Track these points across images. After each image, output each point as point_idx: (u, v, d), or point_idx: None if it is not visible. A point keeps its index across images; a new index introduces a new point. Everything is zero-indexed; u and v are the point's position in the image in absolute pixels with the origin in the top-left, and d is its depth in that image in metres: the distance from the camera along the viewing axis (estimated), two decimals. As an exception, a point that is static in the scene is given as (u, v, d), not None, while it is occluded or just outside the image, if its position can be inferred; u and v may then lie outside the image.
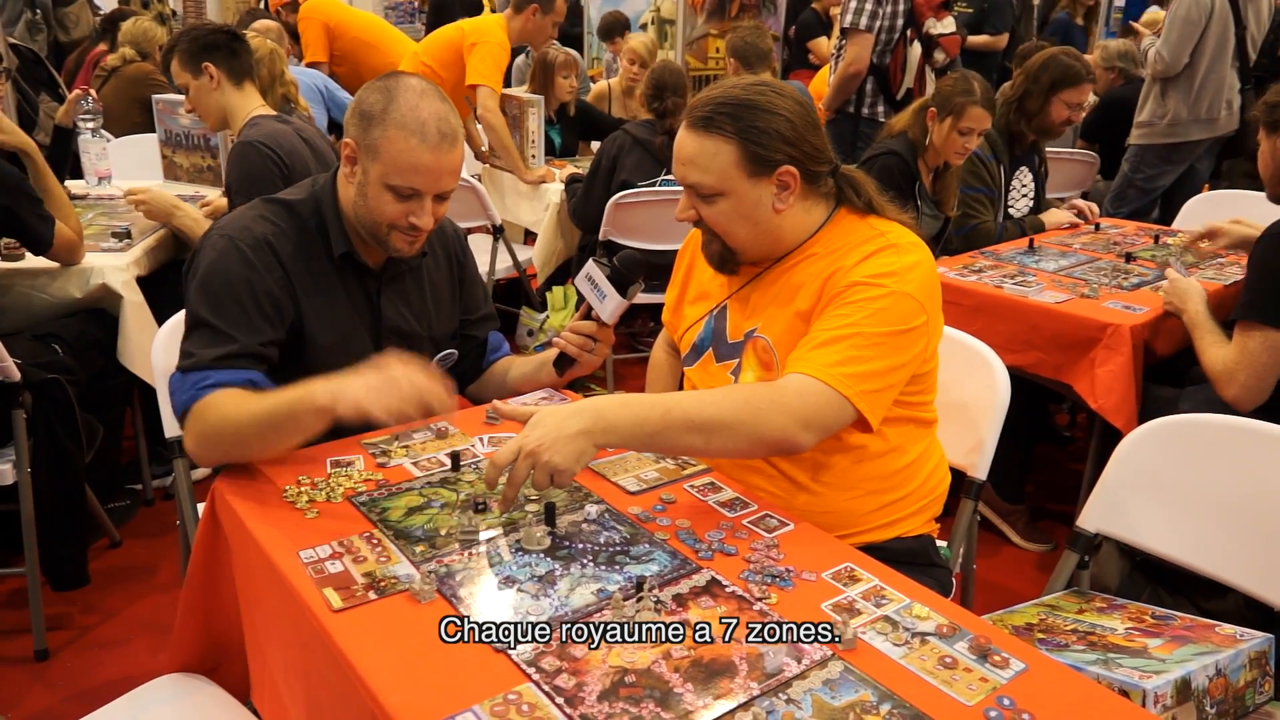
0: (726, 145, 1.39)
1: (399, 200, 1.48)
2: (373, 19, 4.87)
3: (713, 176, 1.41)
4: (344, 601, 1.11)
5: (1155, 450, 1.55)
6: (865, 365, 1.34)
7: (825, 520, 1.43)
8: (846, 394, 1.32)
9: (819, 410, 1.32)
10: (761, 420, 1.29)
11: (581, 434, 1.23)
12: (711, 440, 1.29)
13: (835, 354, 1.34)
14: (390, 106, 1.46)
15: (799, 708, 0.95)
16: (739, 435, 1.29)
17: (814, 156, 1.44)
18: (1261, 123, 2.21)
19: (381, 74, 1.54)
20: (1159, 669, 1.20)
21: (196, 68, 2.54)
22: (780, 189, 1.42)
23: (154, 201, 2.68)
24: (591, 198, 3.43)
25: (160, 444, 2.63)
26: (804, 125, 1.42)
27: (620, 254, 1.55)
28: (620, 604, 1.09)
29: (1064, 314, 2.37)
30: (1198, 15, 4.03)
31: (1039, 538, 2.73)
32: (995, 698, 0.97)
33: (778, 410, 1.30)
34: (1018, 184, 3.18)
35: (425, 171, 1.47)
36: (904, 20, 3.68)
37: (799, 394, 1.31)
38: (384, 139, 1.46)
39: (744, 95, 1.41)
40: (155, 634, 2.25)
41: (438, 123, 1.46)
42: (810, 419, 1.31)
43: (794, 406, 1.30)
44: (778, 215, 1.44)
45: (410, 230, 1.51)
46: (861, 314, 1.36)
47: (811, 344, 1.37)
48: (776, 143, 1.39)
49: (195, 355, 1.45)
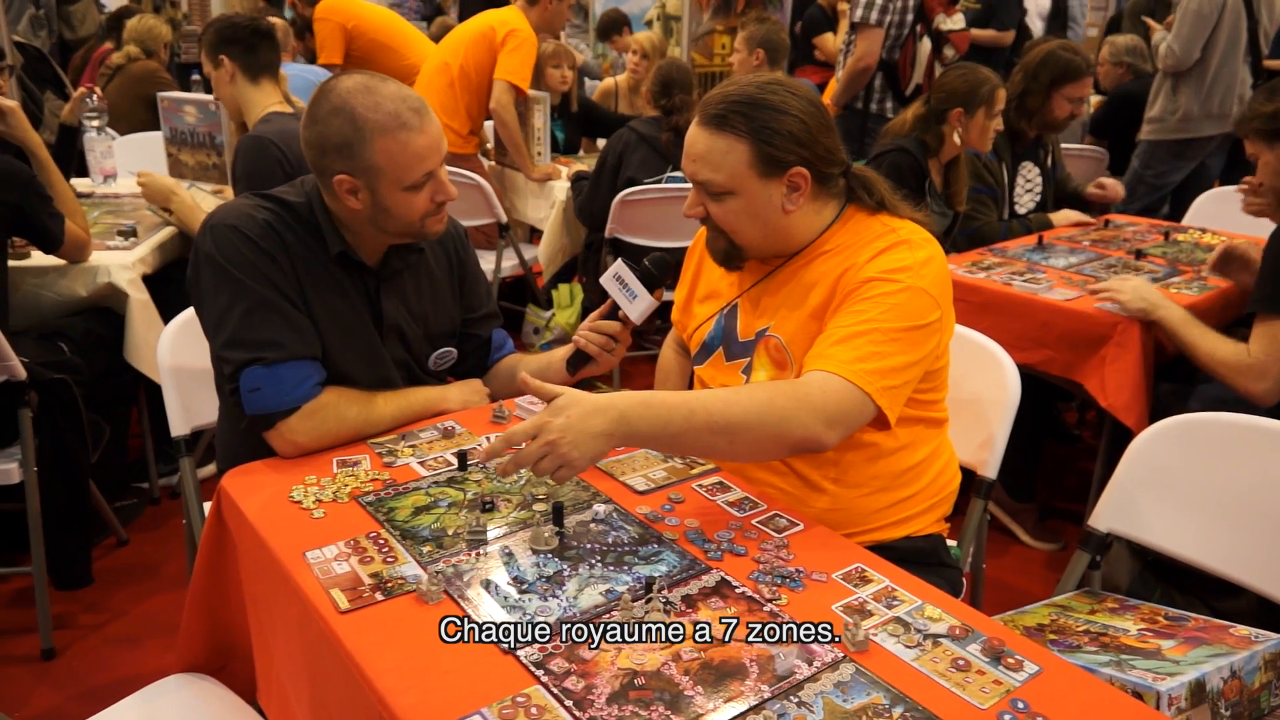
0: (739, 145, 1.38)
1: (418, 191, 1.49)
2: (392, 18, 4.76)
3: (723, 175, 1.40)
4: (351, 602, 1.10)
5: (1167, 449, 1.53)
6: (885, 361, 1.32)
7: (836, 518, 1.43)
8: (868, 390, 1.31)
9: (842, 407, 1.30)
10: (786, 420, 1.27)
11: (603, 435, 1.20)
12: (735, 443, 1.27)
13: (855, 350, 1.32)
14: (358, 120, 1.43)
15: (810, 710, 0.94)
16: (763, 436, 1.27)
17: (826, 159, 1.42)
18: (1259, 133, 2.17)
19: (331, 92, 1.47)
20: (1173, 671, 1.18)
21: (215, 58, 2.55)
22: (791, 190, 1.41)
23: (153, 183, 2.69)
24: (597, 195, 3.42)
25: (166, 442, 2.63)
26: (817, 126, 1.40)
27: (651, 255, 1.54)
28: (629, 605, 1.08)
29: (1074, 311, 2.36)
30: (1210, 9, 4.00)
31: (1048, 537, 2.72)
32: (1009, 701, 0.96)
33: (803, 409, 1.28)
34: (1023, 180, 3.15)
35: (425, 153, 1.47)
36: (914, 15, 3.67)
37: (822, 391, 1.29)
38: (376, 152, 1.44)
39: (758, 94, 1.39)
40: (161, 633, 2.25)
41: (405, 104, 1.45)
42: (834, 417, 1.29)
43: (818, 404, 1.28)
44: (787, 216, 1.43)
45: (439, 208, 1.54)
46: (878, 309, 1.35)
47: (830, 340, 1.36)
48: (789, 144, 1.38)
49: (282, 345, 1.45)
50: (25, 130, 2.44)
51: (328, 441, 1.48)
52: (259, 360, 1.44)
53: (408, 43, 4.63)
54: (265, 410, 1.44)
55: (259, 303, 1.46)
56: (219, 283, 1.47)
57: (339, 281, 1.56)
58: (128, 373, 2.48)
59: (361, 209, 1.50)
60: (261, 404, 1.44)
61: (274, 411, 1.44)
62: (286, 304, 1.48)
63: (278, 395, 1.44)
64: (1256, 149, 2.20)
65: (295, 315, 1.49)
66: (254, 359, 1.44)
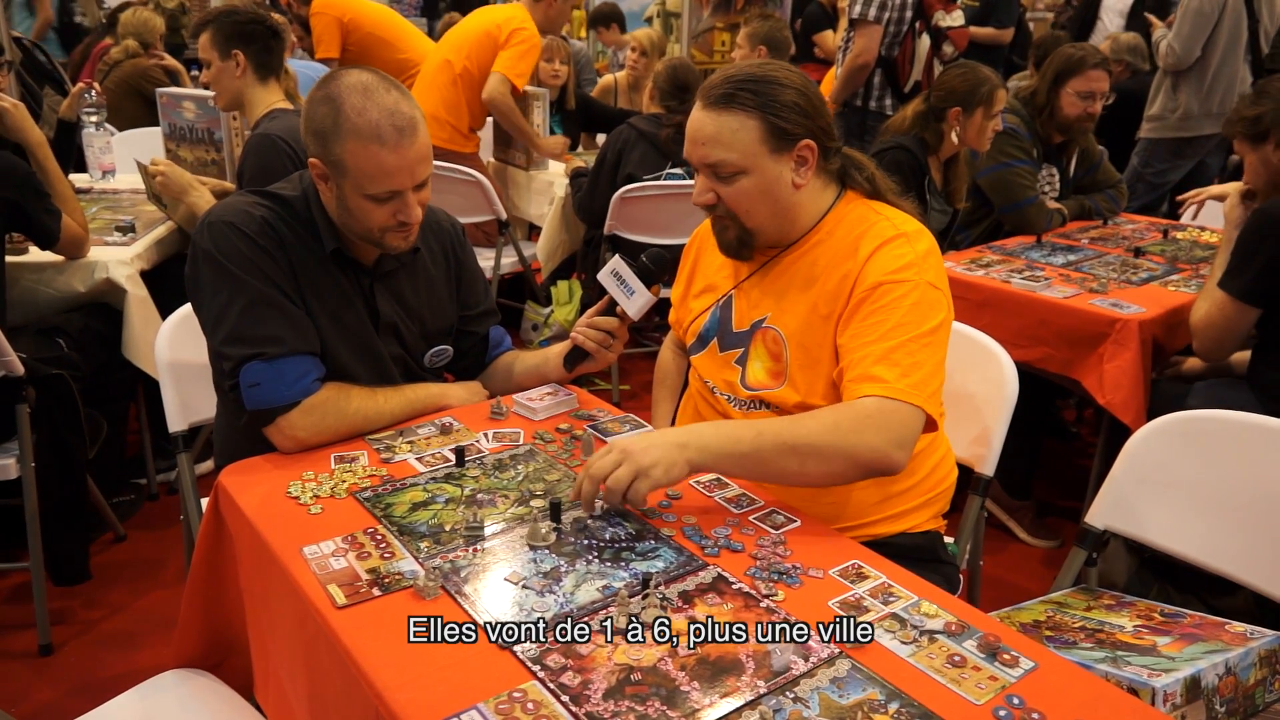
0: (750, 120, 1.39)
1: (381, 204, 1.46)
2: (387, 13, 4.76)
3: (736, 153, 1.41)
4: (348, 598, 1.10)
5: (1164, 446, 1.54)
6: (924, 370, 1.34)
7: (830, 510, 1.43)
8: (920, 404, 1.32)
9: (905, 427, 1.31)
10: (856, 442, 1.28)
11: (679, 446, 1.24)
12: (806, 463, 1.28)
13: (897, 366, 1.33)
14: (339, 117, 1.42)
15: (806, 706, 0.94)
16: (834, 456, 1.28)
17: (828, 132, 1.46)
18: (1243, 136, 2.20)
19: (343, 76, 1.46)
20: (1168, 667, 1.19)
21: (226, 51, 2.52)
22: (799, 164, 1.43)
23: (172, 175, 2.67)
24: (596, 192, 3.42)
25: (164, 438, 2.62)
26: (815, 99, 1.45)
27: (648, 251, 1.54)
28: (626, 601, 1.08)
29: (1072, 309, 2.36)
30: (1210, 8, 4.00)
31: (1045, 534, 2.72)
32: (1004, 696, 0.96)
33: (869, 431, 1.29)
34: (1045, 177, 3.15)
35: (395, 172, 1.44)
36: (913, 12, 3.66)
37: (882, 413, 1.31)
38: (345, 153, 1.43)
39: (760, 72, 1.42)
40: (159, 629, 2.25)
41: (390, 119, 1.41)
42: (902, 438, 1.31)
43: (884, 426, 1.30)
44: (797, 192, 1.45)
45: (401, 227, 1.50)
46: (899, 315, 1.36)
47: (870, 359, 1.36)
48: (796, 116, 1.41)
49: (282, 340, 1.45)
50: (24, 129, 2.43)
51: (328, 437, 1.48)
52: (259, 355, 1.44)
53: (404, 37, 4.62)
54: (266, 405, 1.44)
55: (258, 299, 1.46)
56: (218, 279, 1.47)
57: (335, 278, 1.55)
58: (126, 368, 2.48)
59: (331, 198, 1.50)
60: (262, 399, 1.44)
61: (274, 407, 1.44)
62: (285, 300, 1.48)
63: (278, 390, 1.44)
64: (1242, 150, 2.23)
65: (294, 311, 1.49)
66: (254, 354, 1.44)
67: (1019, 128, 2.98)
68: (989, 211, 3.09)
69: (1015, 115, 3.01)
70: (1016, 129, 2.96)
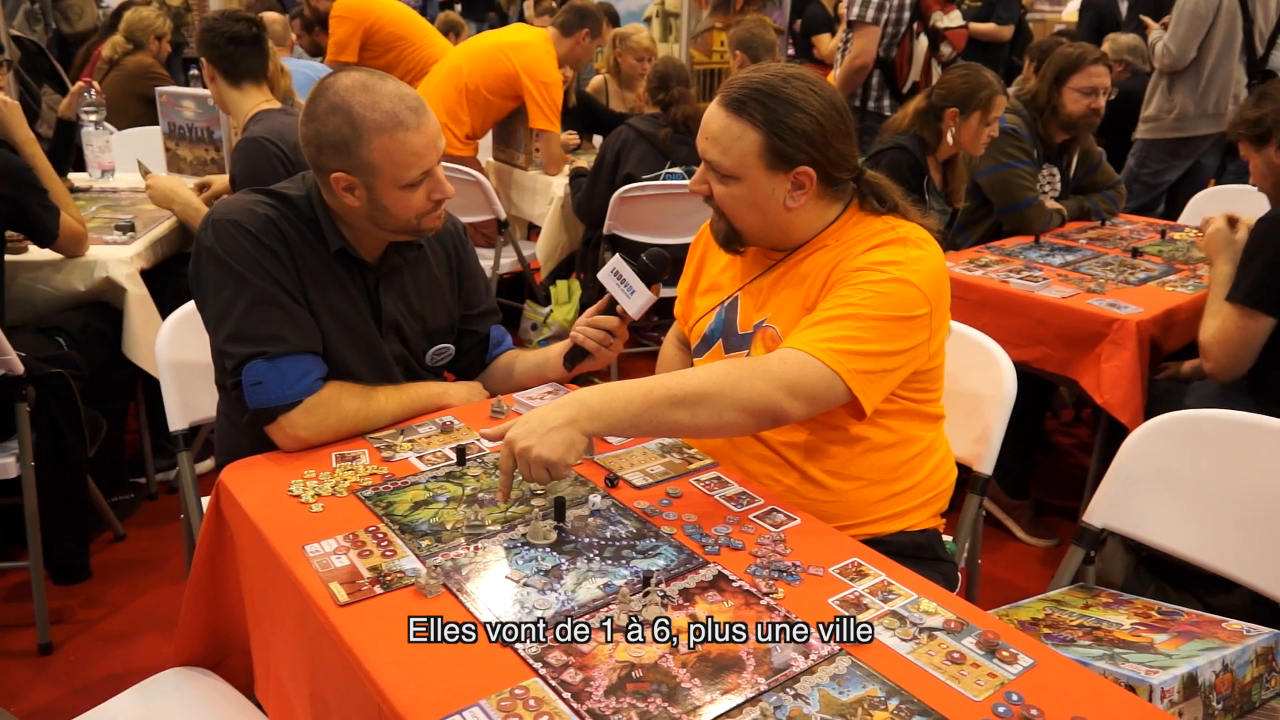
0: (751, 132, 1.38)
1: (415, 190, 1.49)
2: (408, 12, 4.79)
3: (731, 160, 1.40)
4: (349, 596, 1.11)
5: (1162, 445, 1.54)
6: (859, 344, 1.32)
7: (831, 510, 1.43)
8: (836, 369, 1.30)
9: (804, 379, 1.29)
10: (744, 387, 1.28)
11: (567, 424, 1.23)
12: (697, 413, 1.27)
13: (828, 331, 1.33)
14: (355, 120, 1.43)
15: (806, 703, 0.95)
16: (723, 404, 1.28)
17: (836, 163, 1.42)
18: (1246, 138, 2.20)
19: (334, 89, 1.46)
20: (1165, 664, 1.19)
21: (199, 57, 2.55)
22: (795, 188, 1.41)
23: (156, 186, 2.70)
24: (596, 192, 3.42)
25: (164, 437, 2.63)
26: (833, 130, 1.39)
27: (648, 250, 1.55)
28: (627, 599, 1.08)
29: (1070, 309, 2.37)
30: (1206, 9, 4.01)
31: (1043, 533, 2.73)
32: (1003, 693, 0.97)
33: (759, 377, 1.28)
34: (1045, 178, 3.16)
35: (423, 152, 1.47)
36: (910, 13, 3.67)
37: (782, 362, 1.30)
38: (374, 151, 1.44)
39: (781, 87, 1.38)
40: (159, 628, 2.25)
41: (403, 102, 1.45)
42: (794, 387, 1.29)
43: (777, 373, 1.29)
44: (788, 212, 1.43)
45: (436, 206, 1.53)
46: (860, 295, 1.35)
47: (807, 323, 1.36)
48: (800, 142, 1.38)
49: (284, 339, 1.45)
50: (13, 127, 2.43)
51: (329, 436, 1.48)
52: (261, 354, 1.45)
53: (425, 36, 4.68)
54: (268, 404, 1.44)
55: (261, 297, 1.46)
56: (221, 278, 1.47)
57: (339, 277, 1.56)
58: (125, 367, 2.48)
59: (359, 206, 1.50)
60: (264, 398, 1.44)
61: (276, 406, 1.44)
62: (288, 299, 1.48)
63: (280, 389, 1.44)
64: (1246, 153, 2.24)
65: (297, 310, 1.49)
66: (256, 353, 1.45)
67: (1020, 128, 2.98)
68: (989, 212, 3.09)
69: (1016, 116, 3.01)
70: (1017, 130, 2.97)
